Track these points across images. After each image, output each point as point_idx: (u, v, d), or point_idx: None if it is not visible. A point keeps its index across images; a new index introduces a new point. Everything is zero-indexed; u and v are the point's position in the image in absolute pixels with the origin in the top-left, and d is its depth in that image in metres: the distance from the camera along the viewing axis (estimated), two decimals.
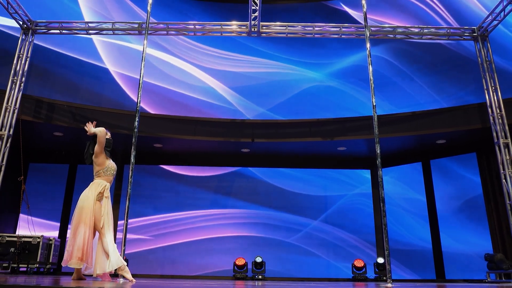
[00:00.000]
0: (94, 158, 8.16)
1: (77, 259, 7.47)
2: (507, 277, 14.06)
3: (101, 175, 8.16)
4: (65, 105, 15.61)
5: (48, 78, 16.57)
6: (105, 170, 8.18)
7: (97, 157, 8.15)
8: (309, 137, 16.66)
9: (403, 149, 17.59)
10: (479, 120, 15.14)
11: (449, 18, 17.26)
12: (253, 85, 18.50)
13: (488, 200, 15.86)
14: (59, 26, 15.30)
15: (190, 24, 15.39)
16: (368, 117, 15.45)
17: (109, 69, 17.80)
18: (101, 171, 8.17)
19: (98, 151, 8.13)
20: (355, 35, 15.39)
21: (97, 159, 8.15)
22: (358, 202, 18.53)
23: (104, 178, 8.16)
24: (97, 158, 8.15)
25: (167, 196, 18.57)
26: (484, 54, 14.86)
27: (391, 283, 9.74)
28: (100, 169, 8.17)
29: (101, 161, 8.16)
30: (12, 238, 14.78)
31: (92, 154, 8.23)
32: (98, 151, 8.13)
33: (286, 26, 15.36)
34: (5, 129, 13.71)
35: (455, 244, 16.46)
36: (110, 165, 8.28)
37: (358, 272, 16.47)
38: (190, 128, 16.71)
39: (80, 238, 7.56)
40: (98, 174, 8.17)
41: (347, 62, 18.32)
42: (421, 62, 17.57)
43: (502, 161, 13.67)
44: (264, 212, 18.43)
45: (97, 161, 8.17)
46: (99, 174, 8.17)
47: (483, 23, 14.73)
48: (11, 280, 6.81)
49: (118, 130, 15.87)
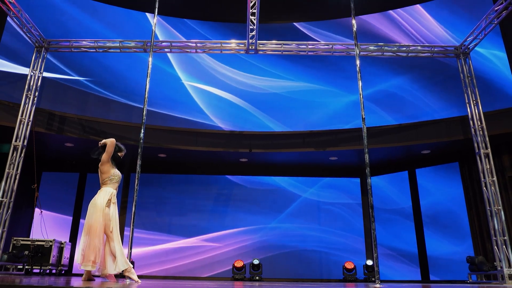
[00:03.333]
0: (100, 166, 8.21)
1: (90, 262, 7.48)
2: (488, 278, 14.19)
3: (108, 183, 8.19)
4: (75, 118, 15.70)
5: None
6: (111, 178, 8.21)
7: (103, 165, 8.19)
8: (303, 147, 16.75)
9: (391, 158, 17.64)
10: (461, 131, 15.24)
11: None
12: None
13: (470, 206, 15.95)
14: (70, 44, 15.39)
15: (192, 42, 15.49)
16: (358, 129, 15.57)
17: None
18: (107, 179, 8.20)
19: (105, 160, 8.17)
20: (345, 53, 15.46)
21: (103, 167, 8.20)
22: (349, 208, 18.55)
23: (111, 186, 8.20)
24: (103, 166, 8.19)
25: (170, 201, 18.60)
26: (466, 70, 14.95)
27: (379, 283, 9.75)
28: (106, 177, 8.20)
29: (106, 169, 8.19)
30: (26, 241, 14.83)
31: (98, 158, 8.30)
32: (105, 160, 8.17)
33: (282, 44, 15.45)
34: (20, 140, 13.76)
35: (439, 248, 16.47)
36: (116, 173, 8.33)
37: (348, 273, 16.54)
38: (192, 139, 16.76)
39: (92, 242, 7.59)
40: (104, 182, 8.21)
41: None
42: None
43: (482, 170, 13.75)
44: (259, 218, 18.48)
45: (103, 169, 8.21)
46: (105, 182, 8.20)
47: (465, 41, 14.86)
48: (25, 281, 6.81)
49: (125, 141, 15.88)
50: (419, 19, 17.78)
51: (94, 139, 15.80)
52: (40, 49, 15.03)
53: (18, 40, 15.71)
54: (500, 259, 12.66)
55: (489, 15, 13.59)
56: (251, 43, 14.90)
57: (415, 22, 17.85)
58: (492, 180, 13.54)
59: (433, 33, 17.38)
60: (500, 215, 13.10)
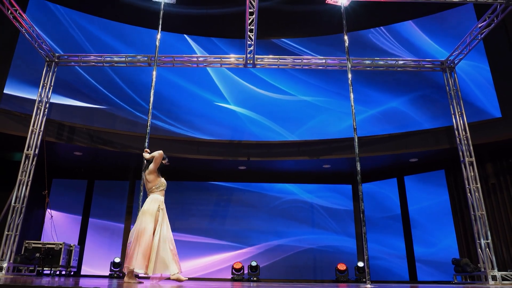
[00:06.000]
0: (147, 175, 8.42)
1: (144, 266, 7.65)
2: (472, 279, 14.28)
3: (155, 191, 8.36)
4: (84, 128, 15.76)
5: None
6: (157, 186, 8.38)
7: (150, 174, 8.40)
8: (298, 156, 16.81)
9: (381, 166, 17.69)
10: (447, 141, 15.33)
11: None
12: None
13: (455, 211, 16.07)
14: (78, 59, 15.48)
15: (194, 57, 15.58)
16: (350, 139, 15.59)
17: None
18: (154, 187, 8.37)
19: (152, 169, 8.39)
20: (338, 67, 15.55)
21: (150, 176, 8.40)
22: (341, 213, 18.61)
23: (158, 193, 8.38)
24: (150, 175, 8.40)
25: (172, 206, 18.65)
26: (451, 83, 15.03)
27: (370, 283, 9.80)
28: (152, 186, 8.38)
29: (153, 178, 8.39)
30: (37, 244, 14.95)
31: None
32: (152, 169, 8.39)
33: (278, 59, 15.56)
34: (31, 149, 13.82)
35: (426, 249, 16.53)
36: (161, 182, 8.50)
37: (341, 274, 16.58)
38: (193, 148, 16.82)
39: (143, 246, 7.72)
40: (151, 190, 8.39)
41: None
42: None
43: (467, 177, 13.83)
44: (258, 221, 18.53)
45: (149, 178, 8.40)
46: (152, 190, 8.38)
47: (451, 56, 14.96)
48: (36, 282, 6.85)
49: (130, 150, 16.04)
50: (411, 34, 17.83)
51: (102, 148, 15.90)
52: (51, 63, 15.10)
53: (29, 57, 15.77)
54: (484, 261, 12.75)
55: (473, 32, 13.72)
56: (249, 57, 14.98)
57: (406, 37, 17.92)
58: (476, 187, 13.62)
59: (421, 48, 17.45)
60: (483, 219, 13.18)
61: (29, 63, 15.68)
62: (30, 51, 15.25)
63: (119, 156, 16.78)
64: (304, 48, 18.90)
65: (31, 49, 15.01)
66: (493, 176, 15.48)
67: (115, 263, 16.36)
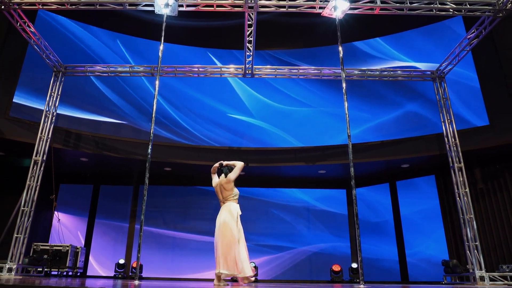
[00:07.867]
0: (226, 184, 8.50)
1: (235, 269, 7.97)
2: (461, 280, 14.29)
3: (231, 199, 8.48)
4: (90, 135, 15.83)
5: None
6: (234, 195, 8.51)
7: (229, 183, 8.49)
8: (294, 162, 16.86)
9: (374, 172, 17.73)
10: (437, 147, 15.39)
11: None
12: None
13: (445, 215, 16.15)
14: (84, 69, 15.57)
15: (195, 67, 15.63)
16: (344, 145, 15.63)
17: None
18: (231, 196, 8.48)
19: (231, 179, 8.49)
20: (333, 77, 15.63)
21: (229, 185, 8.49)
22: (336, 216, 18.65)
23: (234, 201, 8.52)
24: (229, 184, 8.49)
25: (175, 210, 18.72)
26: (441, 92, 15.11)
27: (363, 284, 9.83)
28: (229, 194, 8.49)
29: (231, 187, 8.51)
30: (45, 246, 15.06)
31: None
32: (232, 179, 8.49)
33: (275, 69, 15.68)
34: (40, 155, 13.88)
35: (417, 251, 16.57)
36: (236, 191, 8.62)
37: (335, 275, 16.58)
38: (194, 154, 16.88)
39: (232, 252, 7.99)
40: (228, 199, 8.50)
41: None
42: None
43: (456, 182, 13.91)
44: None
45: (228, 187, 8.49)
46: (228, 198, 8.50)
47: (441, 66, 15.07)
48: (44, 282, 6.91)
49: (134, 156, 16.09)
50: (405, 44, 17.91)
51: (107, 154, 15.96)
52: (58, 73, 15.17)
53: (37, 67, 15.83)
54: (472, 263, 12.81)
55: (462, 43, 13.81)
56: (247, 68, 15.06)
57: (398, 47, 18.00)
58: (465, 191, 13.70)
59: (413, 58, 17.53)
60: (472, 223, 13.25)
61: (37, 73, 15.75)
62: (38, 62, 15.33)
63: (123, 162, 16.87)
64: (297, 60, 18.98)
65: (38, 60, 15.10)
66: (481, 181, 15.55)
67: (120, 264, 16.42)
